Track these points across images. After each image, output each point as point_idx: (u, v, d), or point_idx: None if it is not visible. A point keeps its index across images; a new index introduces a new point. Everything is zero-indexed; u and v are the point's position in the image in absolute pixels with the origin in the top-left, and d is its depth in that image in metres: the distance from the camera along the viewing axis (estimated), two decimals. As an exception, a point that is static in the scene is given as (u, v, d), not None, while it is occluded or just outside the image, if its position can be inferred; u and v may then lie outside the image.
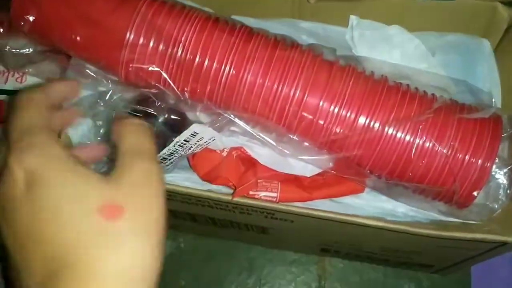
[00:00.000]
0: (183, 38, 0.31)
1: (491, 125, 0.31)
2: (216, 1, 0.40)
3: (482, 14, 0.40)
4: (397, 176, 0.32)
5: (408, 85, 0.33)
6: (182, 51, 0.31)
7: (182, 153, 0.35)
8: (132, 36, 0.31)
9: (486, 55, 0.40)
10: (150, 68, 0.32)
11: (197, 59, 0.31)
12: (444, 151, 0.30)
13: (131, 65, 0.32)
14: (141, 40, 0.31)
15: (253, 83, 0.31)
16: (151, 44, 0.31)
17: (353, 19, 0.41)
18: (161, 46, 0.31)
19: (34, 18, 0.32)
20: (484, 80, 0.39)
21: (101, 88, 0.36)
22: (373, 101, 0.31)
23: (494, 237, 0.31)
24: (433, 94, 0.33)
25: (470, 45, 0.40)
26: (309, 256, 0.51)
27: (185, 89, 0.32)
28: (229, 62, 0.31)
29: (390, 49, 0.39)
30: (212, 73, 0.31)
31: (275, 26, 0.39)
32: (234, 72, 0.31)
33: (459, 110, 0.32)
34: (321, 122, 0.31)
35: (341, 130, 0.31)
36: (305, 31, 0.41)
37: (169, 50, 0.31)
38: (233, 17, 0.36)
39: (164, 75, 0.32)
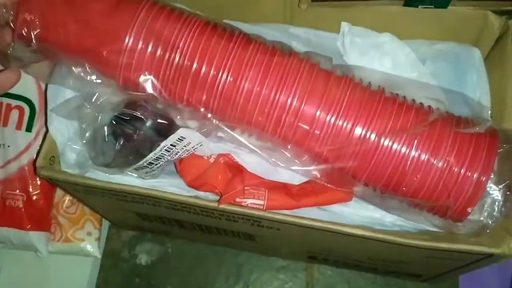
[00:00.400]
0: (181, 44, 0.31)
1: (487, 140, 0.31)
2: (207, 5, 0.39)
3: (473, 23, 0.40)
4: (392, 189, 0.32)
5: (404, 96, 0.33)
6: (180, 57, 0.31)
7: (169, 158, 0.34)
8: (131, 41, 0.31)
9: (476, 64, 0.40)
10: (148, 74, 0.31)
11: (194, 65, 0.31)
12: (439, 165, 0.30)
13: (129, 70, 0.31)
14: (139, 45, 0.31)
15: (250, 91, 0.31)
16: (149, 49, 0.31)
17: (344, 25, 0.40)
18: (159, 51, 0.31)
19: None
20: (474, 88, 0.39)
21: (88, 90, 0.35)
22: (370, 112, 0.31)
23: (481, 248, 0.31)
24: (429, 106, 0.32)
25: (460, 54, 0.40)
26: (298, 262, 0.50)
27: (182, 96, 0.32)
28: (226, 68, 0.30)
29: (381, 56, 0.39)
30: (209, 80, 0.31)
31: (267, 31, 0.38)
32: (231, 79, 0.31)
33: (455, 123, 0.31)
34: (318, 132, 0.31)
35: (337, 141, 0.31)
36: (296, 37, 0.40)
37: (167, 55, 0.31)
38: (225, 21, 0.36)
39: (156, 82, 0.31)
